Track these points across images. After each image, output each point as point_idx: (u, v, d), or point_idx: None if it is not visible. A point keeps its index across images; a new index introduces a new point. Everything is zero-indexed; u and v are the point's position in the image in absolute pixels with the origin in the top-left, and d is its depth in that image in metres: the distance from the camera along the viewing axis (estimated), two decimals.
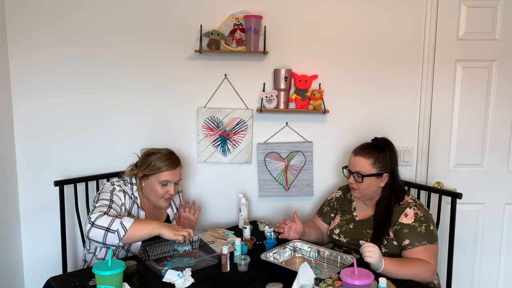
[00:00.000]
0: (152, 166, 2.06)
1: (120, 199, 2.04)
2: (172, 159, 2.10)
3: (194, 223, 2.25)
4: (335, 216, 2.28)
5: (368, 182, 2.03)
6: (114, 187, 2.07)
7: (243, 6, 2.49)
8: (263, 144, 2.61)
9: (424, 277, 1.88)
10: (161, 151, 2.13)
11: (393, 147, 2.09)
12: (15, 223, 2.59)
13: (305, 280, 1.64)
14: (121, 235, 1.83)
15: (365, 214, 2.14)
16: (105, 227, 1.83)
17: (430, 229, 1.96)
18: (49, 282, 1.80)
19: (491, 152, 2.60)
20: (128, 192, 2.09)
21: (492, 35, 2.51)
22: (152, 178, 2.07)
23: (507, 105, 2.56)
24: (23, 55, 2.49)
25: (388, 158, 2.05)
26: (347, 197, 2.26)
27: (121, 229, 1.83)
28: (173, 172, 2.08)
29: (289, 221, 2.13)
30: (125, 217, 1.88)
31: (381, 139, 2.10)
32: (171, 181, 2.08)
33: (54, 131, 2.56)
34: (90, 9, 2.48)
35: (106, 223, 1.84)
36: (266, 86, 2.55)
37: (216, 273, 1.88)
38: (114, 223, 1.84)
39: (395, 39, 2.53)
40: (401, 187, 2.10)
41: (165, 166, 2.06)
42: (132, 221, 1.86)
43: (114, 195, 2.03)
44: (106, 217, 1.86)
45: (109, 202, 1.98)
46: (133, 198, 2.11)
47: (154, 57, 2.53)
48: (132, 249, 2.06)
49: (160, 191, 2.07)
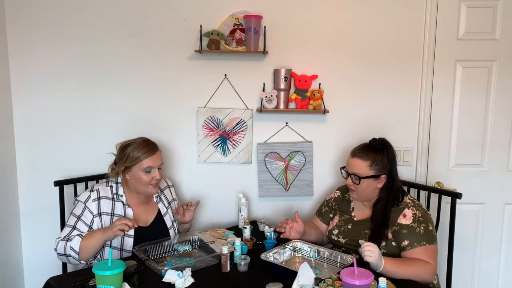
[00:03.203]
0: (131, 158, 2.07)
1: (91, 212, 2.05)
2: (149, 146, 2.11)
3: (192, 214, 2.27)
4: (334, 216, 2.28)
5: (365, 184, 2.03)
6: (90, 195, 2.08)
7: (243, 6, 2.49)
8: (263, 144, 2.61)
9: (424, 277, 1.88)
10: (136, 140, 2.14)
11: (391, 148, 2.08)
12: (15, 223, 2.59)
13: (305, 280, 1.64)
14: (76, 257, 1.97)
15: (363, 214, 2.13)
16: (63, 253, 1.99)
17: (429, 229, 1.96)
18: (49, 282, 1.81)
19: (491, 152, 2.60)
20: (108, 196, 2.10)
21: (492, 35, 2.51)
22: (134, 169, 2.07)
23: (507, 105, 2.56)
24: (23, 55, 2.49)
25: (386, 160, 2.04)
26: (346, 197, 2.26)
27: (73, 252, 1.96)
28: (153, 158, 2.09)
29: (291, 220, 2.13)
30: (74, 238, 1.97)
31: (379, 140, 2.09)
32: (153, 166, 2.08)
33: (54, 131, 2.56)
34: (90, 9, 2.48)
35: (62, 250, 1.98)
36: (266, 86, 2.55)
37: (216, 273, 1.89)
38: (67, 249, 1.97)
39: (395, 39, 2.53)
40: (400, 188, 2.09)
41: (143, 154, 2.07)
42: (79, 240, 1.96)
43: (85, 209, 2.05)
44: (61, 243, 1.99)
45: (75, 221, 2.04)
46: (117, 198, 2.12)
47: (154, 57, 2.53)
48: (125, 248, 2.08)
49: (146, 179, 2.07)
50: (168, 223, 2.23)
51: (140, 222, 2.12)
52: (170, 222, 2.24)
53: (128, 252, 2.07)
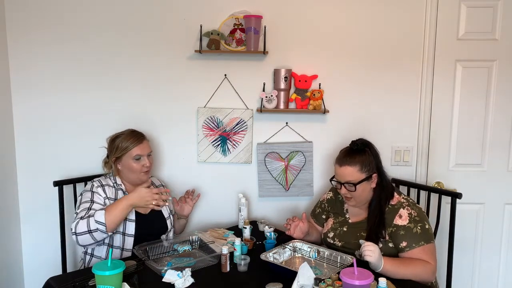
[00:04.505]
0: (121, 148, 2.17)
1: (100, 195, 2.12)
2: (136, 136, 2.21)
3: (190, 208, 2.36)
4: (327, 218, 2.27)
5: (361, 189, 2.01)
6: (93, 184, 2.16)
7: (243, 6, 2.49)
8: (263, 144, 2.61)
9: (424, 277, 1.88)
10: (124, 132, 2.24)
11: (372, 146, 2.08)
12: (15, 223, 2.59)
13: (305, 280, 1.64)
14: (102, 229, 1.96)
15: (358, 216, 2.12)
16: (86, 231, 1.96)
17: (425, 228, 1.95)
18: (49, 282, 1.81)
19: (491, 152, 2.60)
20: (110, 184, 2.18)
21: (492, 35, 2.51)
22: (124, 158, 2.17)
23: (507, 105, 2.56)
24: (23, 55, 2.50)
25: (372, 158, 2.03)
26: (339, 198, 2.24)
27: (99, 225, 1.95)
28: (140, 146, 2.18)
29: (298, 219, 2.13)
30: (97, 212, 1.98)
31: (359, 141, 2.08)
32: (142, 154, 2.18)
33: (54, 131, 2.56)
34: (90, 8, 2.48)
35: (85, 227, 1.96)
36: (266, 86, 2.55)
37: (216, 273, 1.89)
38: (91, 224, 1.96)
39: (395, 39, 2.53)
40: (389, 183, 2.10)
41: (131, 144, 2.16)
42: (103, 212, 1.98)
43: (94, 194, 2.11)
44: (81, 222, 1.97)
45: (89, 203, 2.07)
46: (117, 186, 2.19)
47: (154, 57, 2.53)
48: (126, 247, 2.09)
49: (136, 166, 2.16)
50: (165, 214, 2.29)
51: (140, 209, 2.18)
52: (166, 214, 2.30)
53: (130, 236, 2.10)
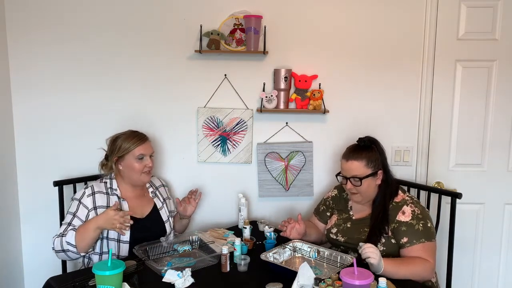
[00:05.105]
0: (123, 148, 2.15)
1: (86, 207, 2.09)
2: (138, 136, 2.21)
3: (193, 208, 2.35)
4: (331, 215, 2.28)
5: (366, 184, 2.04)
6: (84, 191, 2.13)
7: (243, 6, 2.49)
8: (263, 144, 2.61)
9: (423, 275, 1.89)
10: (125, 132, 2.23)
11: (379, 143, 2.12)
12: (15, 223, 2.59)
13: (305, 280, 1.64)
14: (74, 250, 1.99)
15: (362, 212, 2.14)
16: (60, 250, 2.01)
17: (427, 226, 1.96)
18: (49, 282, 1.81)
19: (491, 152, 2.60)
20: (102, 190, 2.16)
21: (492, 35, 2.51)
22: (127, 158, 2.15)
23: (507, 105, 2.56)
24: (23, 55, 2.49)
25: (378, 155, 2.07)
26: (343, 196, 2.26)
27: (70, 247, 1.98)
28: (144, 146, 2.18)
29: (293, 220, 2.13)
30: (68, 232, 2.00)
31: (366, 138, 2.12)
32: (145, 154, 2.17)
33: (54, 131, 2.56)
34: (90, 8, 2.48)
35: (59, 246, 2.00)
36: (266, 86, 2.55)
37: (216, 273, 1.89)
38: (63, 244, 1.99)
39: (395, 39, 2.53)
40: (394, 181, 2.12)
41: (133, 144, 2.15)
42: (74, 233, 1.99)
43: (80, 205, 2.09)
44: (57, 240, 2.01)
45: (71, 217, 2.07)
46: (111, 192, 2.16)
47: (154, 57, 2.53)
48: (121, 254, 2.09)
49: (138, 166, 2.15)
50: (164, 217, 2.27)
51: (136, 214, 2.17)
52: (165, 217, 2.28)
53: (125, 243, 2.09)
